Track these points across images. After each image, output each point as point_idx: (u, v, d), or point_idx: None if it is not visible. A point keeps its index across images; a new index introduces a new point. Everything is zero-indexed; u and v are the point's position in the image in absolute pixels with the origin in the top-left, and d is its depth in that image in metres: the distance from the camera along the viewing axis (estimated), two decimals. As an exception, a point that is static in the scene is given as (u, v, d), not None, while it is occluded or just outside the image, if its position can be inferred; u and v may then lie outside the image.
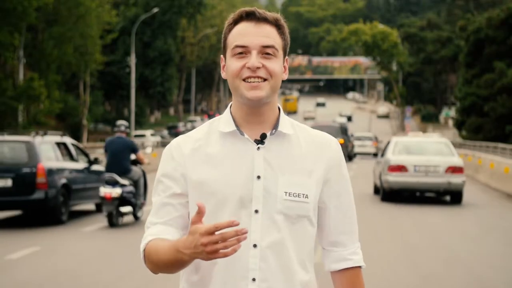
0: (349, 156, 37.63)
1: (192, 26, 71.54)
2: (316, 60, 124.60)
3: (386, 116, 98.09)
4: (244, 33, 2.17)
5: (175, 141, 2.27)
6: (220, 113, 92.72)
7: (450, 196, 17.49)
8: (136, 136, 48.80)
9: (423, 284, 8.11)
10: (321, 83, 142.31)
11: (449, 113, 76.21)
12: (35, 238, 11.43)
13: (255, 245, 2.15)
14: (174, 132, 61.84)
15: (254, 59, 2.14)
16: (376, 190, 18.97)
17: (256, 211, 2.16)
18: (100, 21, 44.76)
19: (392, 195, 17.34)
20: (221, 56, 2.26)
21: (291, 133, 2.23)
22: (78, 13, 41.75)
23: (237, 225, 1.93)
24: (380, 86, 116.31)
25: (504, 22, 45.68)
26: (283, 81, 2.25)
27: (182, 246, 1.98)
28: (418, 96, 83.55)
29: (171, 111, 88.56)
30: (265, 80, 2.15)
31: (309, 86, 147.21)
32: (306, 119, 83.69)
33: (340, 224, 2.28)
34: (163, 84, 63.49)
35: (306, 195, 2.19)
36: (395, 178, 17.04)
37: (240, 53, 2.16)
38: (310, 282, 2.23)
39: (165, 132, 62.67)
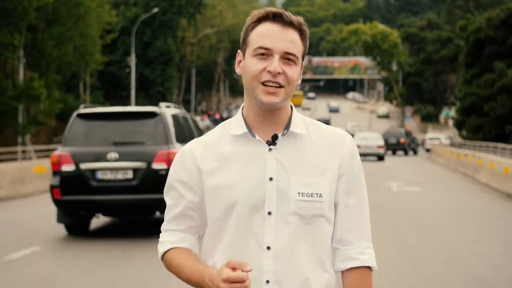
0: (414, 150, 54.57)
1: (192, 26, 71.52)
2: (316, 60, 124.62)
3: (386, 116, 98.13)
4: (269, 35, 2.14)
5: (188, 146, 2.28)
6: (220, 114, 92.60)
7: (378, 157, 39.55)
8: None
9: (423, 284, 8.11)
10: (321, 83, 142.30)
11: (449, 113, 76.22)
12: (35, 238, 11.42)
13: (268, 247, 2.14)
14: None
15: (276, 64, 2.12)
16: None
17: (270, 213, 2.15)
18: (100, 21, 44.76)
19: None
20: (239, 51, 2.24)
21: (303, 132, 2.21)
22: (78, 13, 41.74)
23: (249, 270, 2.04)
24: (380, 86, 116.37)
25: (504, 22, 45.68)
26: None
27: (208, 277, 2.11)
28: (418, 96, 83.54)
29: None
30: (281, 86, 2.14)
31: (309, 86, 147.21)
32: (304, 109, 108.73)
33: (347, 221, 2.24)
34: (163, 84, 63.49)
35: (320, 194, 2.17)
36: None
37: (262, 54, 2.14)
38: (329, 281, 2.21)
39: (165, 132, 62.69)
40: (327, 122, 79.73)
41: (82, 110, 11.35)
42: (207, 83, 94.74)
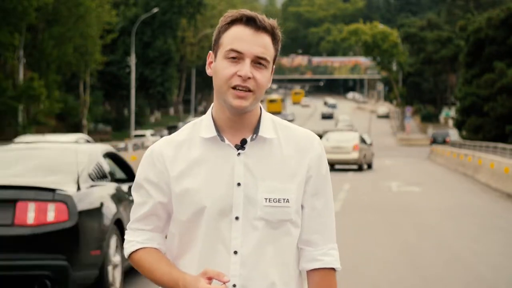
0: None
1: (192, 26, 71.57)
2: (316, 60, 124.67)
3: (386, 116, 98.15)
4: (242, 39, 2.14)
5: (157, 145, 2.27)
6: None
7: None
8: (136, 136, 48.80)
9: (423, 284, 8.11)
10: (321, 83, 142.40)
11: (449, 113, 76.26)
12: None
13: (235, 252, 2.16)
14: (174, 132, 61.99)
15: (247, 68, 2.13)
16: None
17: (237, 218, 2.16)
18: (100, 21, 44.80)
19: None
20: (210, 52, 2.24)
21: (273, 137, 2.22)
22: (78, 13, 41.78)
23: (227, 281, 2.08)
24: (380, 86, 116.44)
25: (504, 22, 45.69)
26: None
27: (182, 283, 2.13)
28: (418, 96, 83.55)
29: (171, 111, 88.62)
30: (251, 91, 2.15)
31: (309, 86, 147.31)
32: (303, 106, 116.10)
33: (313, 223, 2.25)
34: (163, 84, 63.50)
35: (287, 199, 2.19)
36: None
37: (234, 57, 2.14)
38: (296, 285, 2.25)
39: (165, 132, 62.71)
40: (331, 115, 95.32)
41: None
42: (207, 83, 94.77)
